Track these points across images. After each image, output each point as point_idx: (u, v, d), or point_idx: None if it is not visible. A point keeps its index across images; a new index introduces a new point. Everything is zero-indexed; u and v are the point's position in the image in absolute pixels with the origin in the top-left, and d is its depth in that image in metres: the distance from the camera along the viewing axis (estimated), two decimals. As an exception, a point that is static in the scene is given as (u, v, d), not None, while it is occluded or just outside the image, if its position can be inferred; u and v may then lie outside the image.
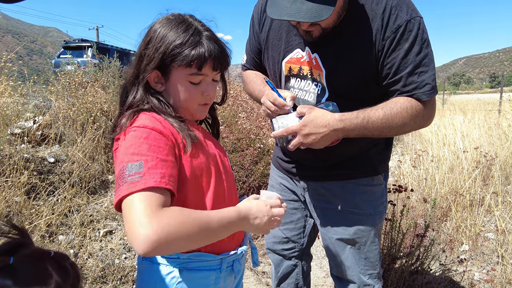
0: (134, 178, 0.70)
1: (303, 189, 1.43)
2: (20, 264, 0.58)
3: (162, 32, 0.85)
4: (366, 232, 1.32)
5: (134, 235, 0.64)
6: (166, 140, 0.79)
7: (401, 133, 1.20)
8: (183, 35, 0.84)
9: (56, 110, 3.63)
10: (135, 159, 0.73)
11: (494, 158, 3.93)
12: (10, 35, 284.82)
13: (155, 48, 0.84)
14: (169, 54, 0.84)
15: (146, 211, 0.66)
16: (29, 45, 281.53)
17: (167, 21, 0.87)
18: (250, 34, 1.43)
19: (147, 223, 0.64)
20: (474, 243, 2.76)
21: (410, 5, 1.12)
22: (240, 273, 1.01)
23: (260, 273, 2.64)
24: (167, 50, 0.83)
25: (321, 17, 1.01)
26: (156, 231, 0.64)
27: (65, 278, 0.63)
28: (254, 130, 3.87)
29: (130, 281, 2.26)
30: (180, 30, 0.85)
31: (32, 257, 0.61)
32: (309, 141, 1.10)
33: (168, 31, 0.85)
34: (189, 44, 0.84)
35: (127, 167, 0.72)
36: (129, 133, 0.79)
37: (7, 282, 0.56)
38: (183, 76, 0.86)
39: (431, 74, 1.11)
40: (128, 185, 0.70)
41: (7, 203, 2.42)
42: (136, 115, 0.83)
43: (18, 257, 0.59)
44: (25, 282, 0.57)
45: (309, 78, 1.25)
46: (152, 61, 0.85)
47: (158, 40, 0.85)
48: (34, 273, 0.59)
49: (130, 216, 0.67)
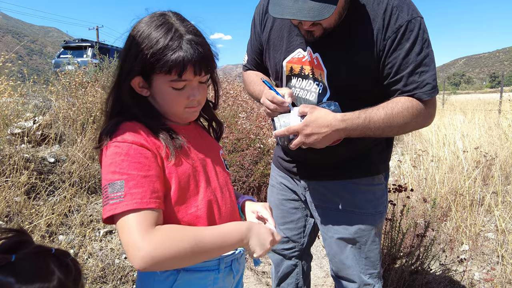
0: (116, 199, 0.72)
1: (304, 189, 1.43)
2: (22, 261, 0.59)
3: (142, 35, 0.81)
4: (366, 231, 1.33)
5: (131, 256, 0.69)
6: (148, 151, 0.79)
7: (402, 132, 1.21)
8: (162, 40, 0.79)
9: (56, 110, 3.63)
10: (116, 177, 0.74)
11: (494, 158, 3.93)
12: (10, 35, 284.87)
13: (134, 55, 0.81)
14: (148, 61, 0.80)
15: (139, 232, 0.70)
16: (29, 45, 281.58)
17: (147, 24, 0.82)
18: (251, 35, 1.44)
19: (141, 245, 0.69)
20: (474, 243, 2.76)
21: (410, 5, 1.12)
22: (240, 273, 1.01)
23: (260, 273, 2.64)
24: (146, 57, 0.79)
25: (323, 16, 1.01)
26: (149, 253, 0.68)
27: (67, 274, 0.64)
28: (254, 130, 3.87)
29: (130, 281, 2.26)
30: (159, 34, 0.80)
31: (34, 255, 0.62)
32: (311, 140, 1.10)
33: (147, 35, 0.80)
34: (168, 49, 0.79)
35: (109, 186, 0.74)
36: (110, 147, 0.78)
37: (9, 279, 0.56)
38: (165, 82, 0.83)
39: (431, 74, 1.12)
40: (111, 206, 0.73)
41: (7, 203, 2.42)
42: (118, 125, 0.81)
43: (19, 255, 0.59)
44: (27, 279, 0.58)
45: (310, 78, 1.25)
46: (133, 68, 0.82)
47: (137, 46, 0.80)
48: (36, 270, 0.60)
49: (124, 237, 0.71)
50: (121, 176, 0.74)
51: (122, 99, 0.85)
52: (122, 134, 0.79)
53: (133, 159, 0.76)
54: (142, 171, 0.76)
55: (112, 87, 0.88)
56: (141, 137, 0.80)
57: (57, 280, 0.62)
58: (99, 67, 5.32)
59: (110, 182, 0.74)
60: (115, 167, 0.75)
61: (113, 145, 0.78)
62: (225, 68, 23.88)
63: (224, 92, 5.50)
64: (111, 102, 0.88)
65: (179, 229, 0.76)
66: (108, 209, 0.72)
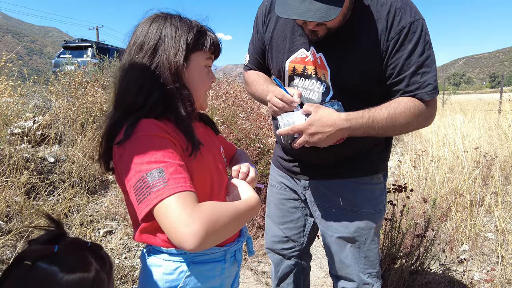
0: (159, 185, 0.71)
1: (304, 188, 1.43)
2: (64, 252, 0.64)
3: (173, 27, 0.87)
4: (366, 230, 1.33)
5: (180, 236, 0.66)
6: (174, 144, 0.80)
7: (404, 132, 1.23)
8: (195, 25, 0.90)
9: (56, 110, 3.63)
10: (154, 167, 0.73)
11: (494, 158, 3.93)
12: (10, 35, 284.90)
13: (174, 39, 0.86)
14: (190, 41, 0.87)
15: (185, 210, 0.68)
16: (29, 45, 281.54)
17: (171, 18, 0.89)
18: (253, 35, 1.44)
19: (190, 221, 0.66)
20: (474, 243, 2.76)
21: (413, 7, 1.14)
22: (241, 262, 1.06)
23: (260, 273, 2.64)
24: (188, 37, 0.87)
25: (329, 17, 1.03)
26: (201, 226, 0.66)
27: (103, 265, 0.68)
28: (254, 130, 3.87)
29: (130, 281, 2.26)
30: (187, 21, 0.90)
31: (74, 246, 0.66)
32: (315, 140, 1.11)
33: (179, 26, 0.88)
34: (202, 32, 0.91)
35: (148, 176, 0.72)
36: (136, 140, 0.77)
37: (53, 268, 0.61)
38: (201, 61, 0.91)
39: (433, 75, 1.14)
40: (155, 193, 0.70)
41: (7, 203, 2.42)
42: (139, 120, 0.81)
43: (61, 246, 0.64)
44: (69, 269, 0.62)
45: (313, 78, 1.26)
46: (178, 50, 0.86)
47: (173, 32, 0.87)
48: (77, 260, 0.65)
49: (170, 220, 0.68)
50: (158, 164, 0.73)
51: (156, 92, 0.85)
52: (147, 128, 0.79)
53: (165, 149, 0.76)
54: (176, 159, 0.76)
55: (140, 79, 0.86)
56: (165, 130, 0.81)
57: (94, 271, 0.66)
58: (99, 67, 5.33)
59: (147, 172, 0.72)
60: (149, 158, 0.74)
61: (139, 137, 0.77)
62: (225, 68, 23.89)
63: (224, 92, 5.50)
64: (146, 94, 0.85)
65: (219, 204, 0.76)
66: (154, 197, 0.70)
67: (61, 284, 0.61)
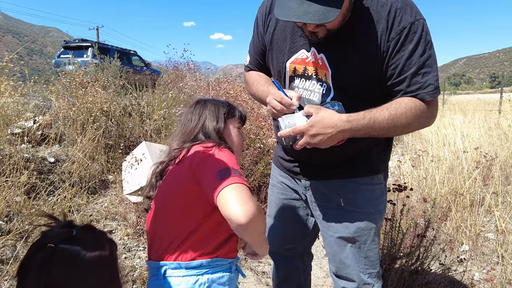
0: (236, 176, 0.96)
1: (305, 188, 1.43)
2: (81, 234, 0.73)
3: (215, 106, 1.26)
4: (366, 230, 1.33)
5: (239, 210, 0.88)
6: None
7: (406, 132, 1.23)
8: (227, 104, 1.30)
9: (56, 110, 3.64)
10: (231, 166, 1.00)
11: (494, 158, 3.93)
12: (10, 35, 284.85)
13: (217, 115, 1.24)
14: (227, 112, 1.26)
15: (248, 196, 0.93)
16: (30, 45, 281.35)
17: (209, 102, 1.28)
18: (254, 35, 1.44)
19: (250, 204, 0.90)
20: (474, 243, 2.76)
21: (413, 7, 1.14)
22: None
23: (260, 273, 2.64)
24: (224, 112, 1.26)
25: (328, 19, 1.02)
26: (254, 210, 0.90)
27: (113, 246, 0.79)
28: (254, 130, 3.88)
29: (130, 281, 2.26)
30: (222, 102, 1.30)
31: (88, 230, 0.76)
32: (316, 141, 1.11)
33: (217, 105, 1.27)
34: (234, 107, 1.30)
35: (232, 168, 0.98)
36: (223, 151, 1.08)
37: (76, 247, 0.70)
38: (235, 124, 1.28)
39: (434, 75, 1.13)
40: (233, 178, 0.95)
41: (7, 203, 2.42)
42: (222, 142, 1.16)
43: (77, 229, 0.73)
44: (90, 248, 0.72)
45: (314, 78, 1.26)
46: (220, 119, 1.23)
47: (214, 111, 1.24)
48: (94, 240, 0.75)
49: (236, 198, 0.90)
50: (234, 166, 1.01)
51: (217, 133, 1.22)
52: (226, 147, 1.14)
53: (235, 162, 1.05)
54: (239, 169, 1.02)
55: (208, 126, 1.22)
56: None
57: (109, 250, 0.76)
58: (99, 67, 5.33)
59: (231, 166, 0.99)
60: (233, 161, 1.03)
61: (225, 150, 1.09)
62: (225, 68, 23.79)
63: (224, 92, 5.51)
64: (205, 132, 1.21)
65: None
66: (232, 180, 0.94)
67: (84, 261, 0.70)
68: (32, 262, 0.67)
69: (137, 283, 2.26)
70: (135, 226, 2.74)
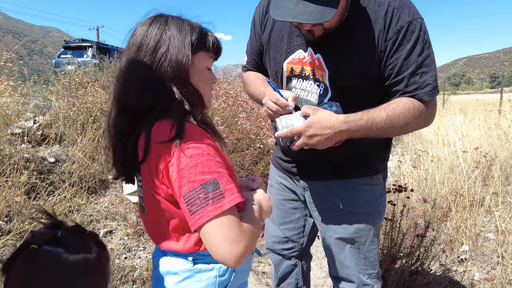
0: (217, 197, 0.74)
1: (303, 189, 1.43)
2: (67, 236, 0.70)
3: (177, 28, 0.85)
4: (365, 231, 1.33)
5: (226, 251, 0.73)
6: (217, 152, 0.81)
7: (404, 133, 1.22)
8: (198, 27, 0.88)
9: (56, 110, 3.63)
10: (207, 177, 0.74)
11: (494, 159, 3.93)
12: (10, 35, 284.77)
13: (178, 39, 0.83)
14: (194, 41, 0.85)
15: (237, 227, 0.75)
16: (30, 45, 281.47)
17: (172, 19, 0.87)
18: (251, 36, 1.44)
19: (238, 240, 0.74)
20: (474, 243, 2.76)
21: (411, 6, 1.13)
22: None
23: (260, 273, 2.64)
24: (192, 37, 0.85)
25: (324, 19, 1.02)
26: (245, 247, 0.74)
27: (102, 249, 0.75)
28: (254, 130, 3.88)
29: (130, 281, 2.26)
30: (189, 22, 0.87)
31: (75, 231, 0.73)
32: (314, 142, 1.10)
33: (182, 27, 0.85)
34: (205, 32, 0.89)
35: (203, 187, 0.74)
36: (188, 149, 0.75)
37: (58, 250, 0.67)
38: (204, 60, 0.89)
39: (432, 75, 1.13)
40: (215, 205, 0.73)
41: (7, 203, 2.42)
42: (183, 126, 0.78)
43: (63, 231, 0.71)
44: (73, 250, 0.69)
45: (311, 79, 1.25)
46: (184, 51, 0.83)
47: (177, 33, 0.84)
48: (79, 243, 0.71)
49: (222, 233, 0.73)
50: (212, 175, 0.75)
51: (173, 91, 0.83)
52: (192, 135, 0.78)
53: (214, 158, 0.77)
54: (224, 168, 0.78)
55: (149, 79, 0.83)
56: (208, 138, 0.83)
57: (95, 253, 0.72)
58: (99, 67, 5.33)
59: (203, 183, 0.74)
60: (202, 168, 0.75)
61: (191, 146, 0.76)
62: (225, 68, 23.83)
63: (224, 92, 5.50)
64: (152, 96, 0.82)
65: (247, 225, 0.80)
66: (212, 209, 0.73)
67: (66, 264, 0.67)
68: (15, 262, 0.67)
69: (137, 283, 2.25)
70: (135, 226, 2.74)
